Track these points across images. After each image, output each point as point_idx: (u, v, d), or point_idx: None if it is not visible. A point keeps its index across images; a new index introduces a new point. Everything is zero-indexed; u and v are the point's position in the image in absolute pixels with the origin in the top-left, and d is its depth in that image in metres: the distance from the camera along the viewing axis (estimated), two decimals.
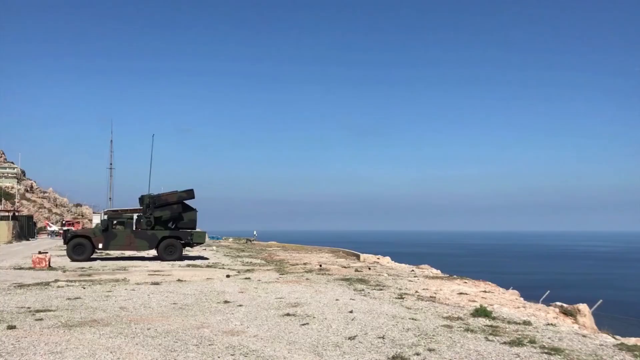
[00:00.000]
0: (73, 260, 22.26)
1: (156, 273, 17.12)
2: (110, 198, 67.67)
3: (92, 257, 23.27)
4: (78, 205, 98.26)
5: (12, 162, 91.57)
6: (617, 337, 8.75)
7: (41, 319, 8.79)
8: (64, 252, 23.82)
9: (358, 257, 26.41)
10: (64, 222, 68.62)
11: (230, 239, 52.63)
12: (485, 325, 8.71)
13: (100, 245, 23.23)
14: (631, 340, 8.21)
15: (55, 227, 62.55)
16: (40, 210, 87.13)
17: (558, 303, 12.80)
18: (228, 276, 16.22)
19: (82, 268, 18.95)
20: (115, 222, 23.68)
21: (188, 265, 20.61)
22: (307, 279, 15.70)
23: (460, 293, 13.13)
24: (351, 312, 9.73)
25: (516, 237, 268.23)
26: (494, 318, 9.44)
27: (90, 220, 61.32)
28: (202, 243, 26.41)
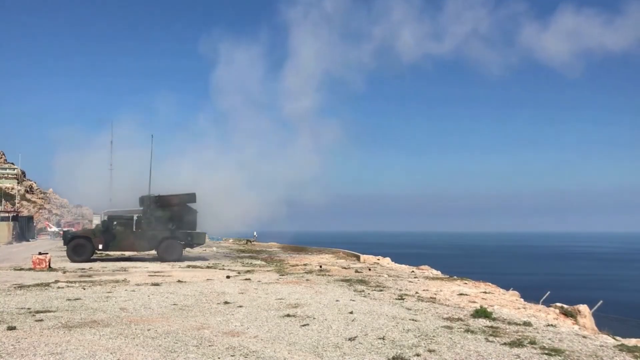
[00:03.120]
0: (73, 261, 22.26)
1: (156, 274, 17.11)
2: (110, 199, 67.55)
3: (92, 258, 23.28)
4: (78, 206, 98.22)
5: (12, 163, 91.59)
6: (618, 338, 8.75)
7: (41, 320, 8.79)
8: (64, 253, 23.82)
9: (358, 258, 26.40)
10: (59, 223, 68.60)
11: (231, 240, 52.58)
12: (485, 326, 8.71)
13: (100, 246, 23.24)
14: (631, 341, 8.21)
15: (55, 228, 62.53)
16: (40, 211, 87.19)
17: (558, 304, 12.79)
18: (228, 277, 16.22)
19: (82, 269, 18.95)
20: (115, 222, 23.70)
21: (188, 266, 20.61)
22: (307, 279, 15.70)
23: (461, 294, 13.13)
24: (351, 313, 9.73)
25: (516, 238, 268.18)
26: (494, 319, 9.44)
27: (91, 221, 61.29)
28: (202, 244, 26.42)
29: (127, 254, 25.29)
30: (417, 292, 13.06)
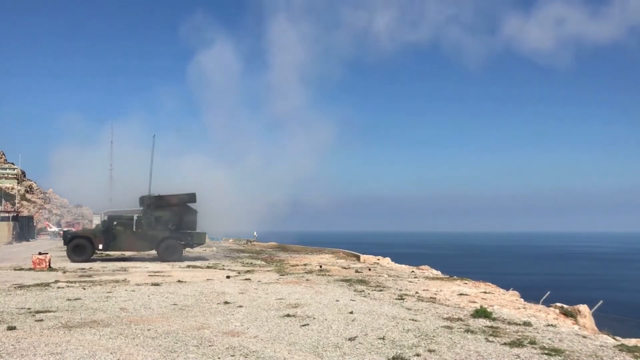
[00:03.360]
0: (73, 261, 22.27)
1: (156, 274, 17.12)
2: (110, 199, 67.67)
3: (92, 258, 23.29)
4: (78, 206, 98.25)
5: (12, 163, 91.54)
6: (618, 337, 8.75)
7: (41, 320, 8.79)
8: (64, 253, 23.83)
9: (358, 258, 26.40)
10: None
11: (231, 240, 52.61)
12: (485, 326, 8.71)
13: (101, 246, 23.25)
14: (631, 341, 8.21)
15: (55, 228, 62.56)
16: (40, 211, 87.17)
17: (558, 304, 12.78)
18: (228, 277, 16.22)
19: (82, 269, 18.95)
20: (115, 222, 23.71)
21: (188, 266, 20.61)
22: (307, 279, 15.70)
23: (461, 294, 13.13)
24: (351, 313, 9.73)
25: (516, 238, 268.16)
26: (494, 319, 9.44)
27: (91, 221, 61.31)
28: (203, 244, 26.43)
29: (127, 254, 25.30)
30: (417, 292, 13.06)
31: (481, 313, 9.70)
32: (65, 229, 35.96)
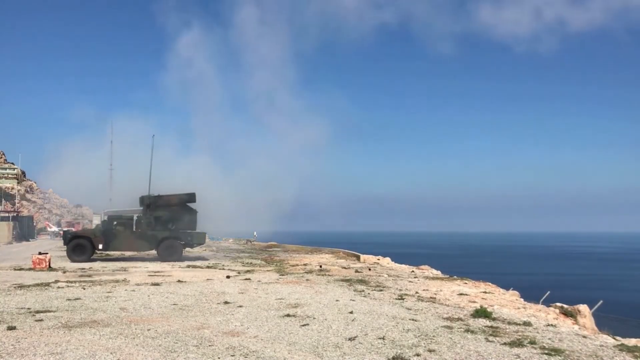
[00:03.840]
0: (73, 261, 22.28)
1: (156, 274, 17.12)
2: (110, 199, 67.69)
3: (92, 258, 23.29)
4: (78, 206, 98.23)
5: (12, 163, 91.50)
6: (618, 337, 8.75)
7: (41, 320, 8.79)
8: (64, 253, 23.84)
9: (358, 257, 26.40)
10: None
11: (230, 240, 52.64)
12: (485, 326, 8.71)
13: (101, 246, 23.26)
14: (631, 341, 8.21)
15: (55, 228, 62.57)
16: (40, 211, 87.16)
17: (558, 304, 12.78)
18: (228, 277, 16.22)
19: (82, 269, 18.96)
20: (115, 222, 23.72)
21: (188, 266, 20.61)
22: (307, 279, 15.70)
23: (461, 294, 13.13)
24: (351, 312, 9.73)
25: (516, 238, 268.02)
26: (494, 319, 9.44)
27: (91, 221, 61.33)
28: (202, 244, 26.45)
29: (127, 254, 25.30)
30: (417, 292, 13.06)
31: (481, 313, 9.70)
32: (65, 229, 35.94)
